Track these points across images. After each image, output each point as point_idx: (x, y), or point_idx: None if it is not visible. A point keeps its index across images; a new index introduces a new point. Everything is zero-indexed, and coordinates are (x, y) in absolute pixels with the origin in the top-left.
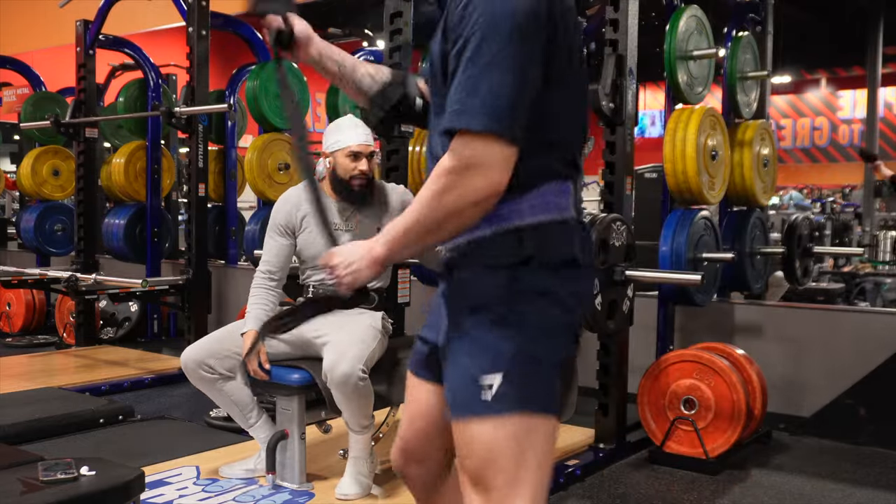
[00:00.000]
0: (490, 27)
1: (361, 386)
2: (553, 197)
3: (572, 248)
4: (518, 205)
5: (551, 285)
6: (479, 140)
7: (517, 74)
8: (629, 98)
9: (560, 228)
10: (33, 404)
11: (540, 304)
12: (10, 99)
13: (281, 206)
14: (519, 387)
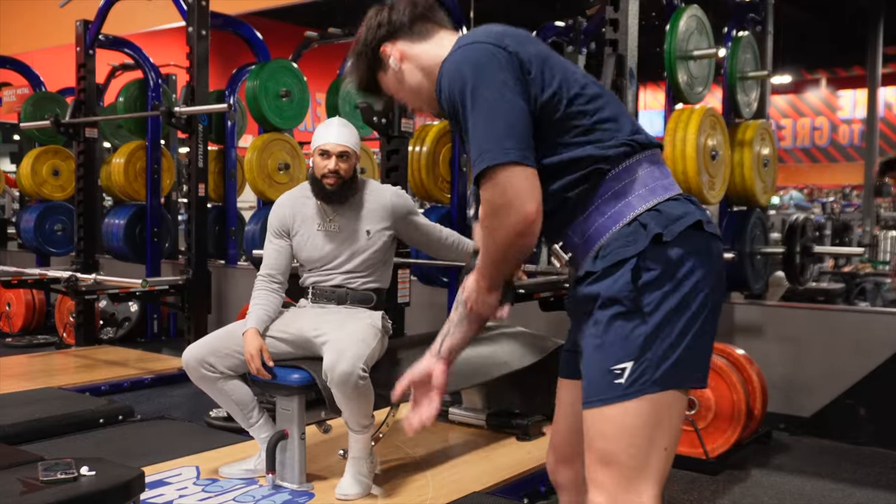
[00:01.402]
0: (456, 98)
1: (362, 385)
2: (651, 178)
3: (689, 214)
4: (624, 197)
5: (666, 267)
6: (490, 180)
7: (495, 116)
8: (629, 98)
9: (669, 205)
10: (33, 404)
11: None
12: (10, 99)
13: (275, 210)
14: (650, 370)
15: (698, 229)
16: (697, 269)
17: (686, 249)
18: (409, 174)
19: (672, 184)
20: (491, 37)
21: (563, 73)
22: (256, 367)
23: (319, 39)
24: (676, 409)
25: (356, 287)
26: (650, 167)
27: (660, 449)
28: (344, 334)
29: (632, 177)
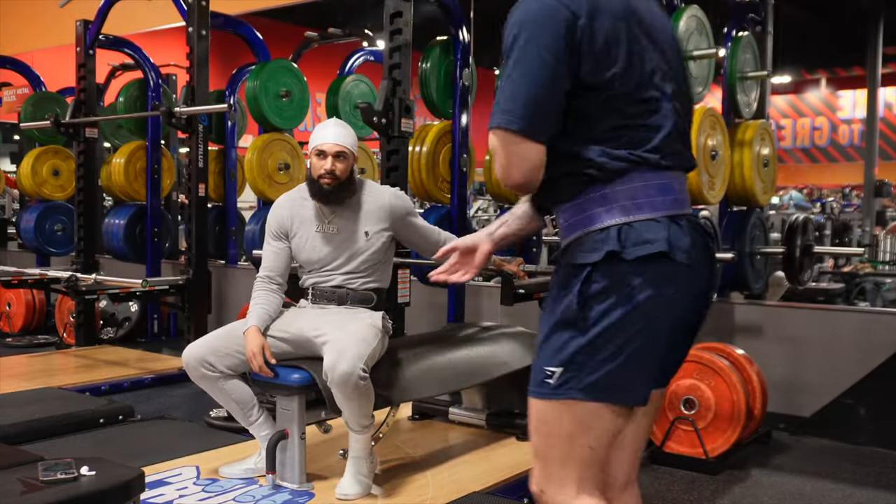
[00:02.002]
0: (505, 48)
1: (362, 385)
2: (643, 193)
3: (657, 242)
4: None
5: (614, 284)
6: (495, 136)
7: (526, 80)
8: None
9: (646, 225)
10: (33, 404)
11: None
12: (10, 99)
13: (273, 212)
14: (576, 379)
15: (664, 258)
16: (649, 292)
17: (642, 271)
18: (409, 174)
19: (665, 204)
20: None
21: (626, 63)
22: (259, 365)
23: (319, 39)
24: (606, 421)
25: (356, 287)
26: (650, 182)
27: (583, 447)
28: (344, 334)
29: (625, 185)
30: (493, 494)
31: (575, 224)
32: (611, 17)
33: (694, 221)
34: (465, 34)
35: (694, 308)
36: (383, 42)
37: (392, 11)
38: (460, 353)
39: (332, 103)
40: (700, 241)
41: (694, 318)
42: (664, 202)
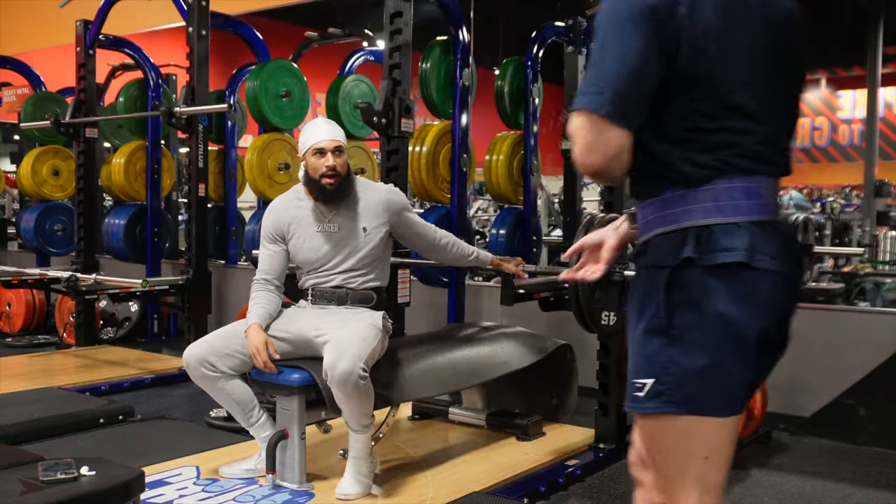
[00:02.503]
0: (598, 27)
1: (362, 384)
2: (727, 197)
3: (737, 251)
4: (686, 204)
5: (709, 290)
6: (578, 117)
7: (617, 57)
8: None
9: (726, 230)
10: (33, 404)
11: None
12: (10, 99)
13: (268, 215)
14: (668, 392)
15: (744, 267)
16: (731, 300)
17: (722, 279)
18: (409, 174)
19: (751, 208)
20: None
21: (723, 59)
22: (263, 360)
23: (319, 39)
24: (710, 431)
25: (356, 287)
26: (735, 185)
27: (697, 459)
28: (345, 334)
29: (708, 187)
30: (493, 494)
31: (652, 222)
32: (714, 6)
33: (781, 228)
34: (465, 34)
35: (779, 316)
36: (383, 42)
37: (392, 11)
38: (460, 353)
39: (332, 103)
40: (786, 248)
41: (780, 326)
42: (749, 206)
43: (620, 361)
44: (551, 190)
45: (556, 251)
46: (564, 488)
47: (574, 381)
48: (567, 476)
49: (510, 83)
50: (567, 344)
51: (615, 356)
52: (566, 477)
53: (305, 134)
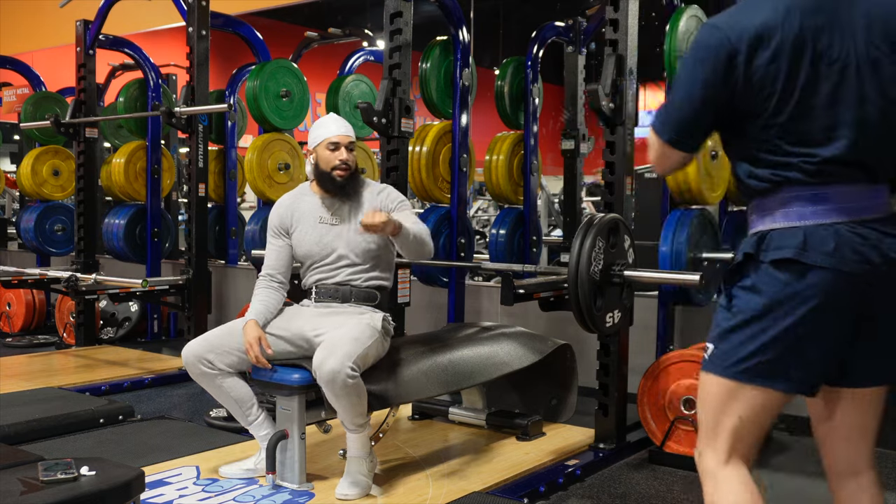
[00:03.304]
0: (681, 61)
1: (350, 384)
2: (786, 207)
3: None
4: (756, 214)
5: (758, 281)
6: (651, 133)
7: (685, 99)
8: (629, 98)
9: (784, 233)
10: (33, 404)
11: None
12: (10, 99)
13: (274, 210)
14: (721, 359)
15: (794, 262)
16: (772, 294)
17: (778, 272)
18: (409, 174)
19: (809, 214)
20: (723, 17)
21: (784, 96)
22: (255, 355)
23: (319, 39)
24: (749, 398)
25: (360, 284)
26: (801, 194)
27: (732, 417)
28: (338, 333)
29: (776, 196)
30: (493, 494)
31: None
32: (776, 51)
33: (865, 226)
34: (465, 34)
35: (861, 308)
36: (383, 42)
37: (392, 11)
38: (460, 354)
39: (332, 103)
40: (851, 246)
41: (874, 318)
42: (815, 212)
43: (620, 361)
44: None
45: (556, 251)
46: (564, 488)
47: (574, 382)
48: (567, 476)
49: (510, 83)
50: (567, 344)
51: (615, 356)
52: (566, 477)
53: (319, 128)
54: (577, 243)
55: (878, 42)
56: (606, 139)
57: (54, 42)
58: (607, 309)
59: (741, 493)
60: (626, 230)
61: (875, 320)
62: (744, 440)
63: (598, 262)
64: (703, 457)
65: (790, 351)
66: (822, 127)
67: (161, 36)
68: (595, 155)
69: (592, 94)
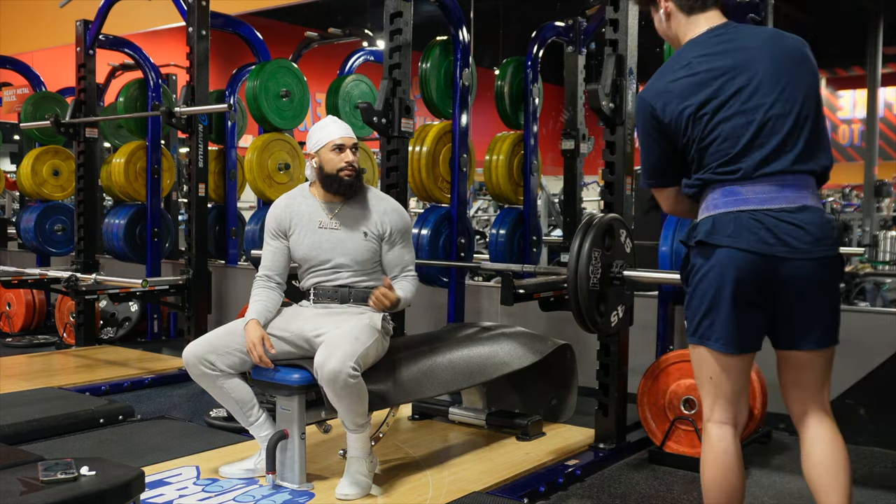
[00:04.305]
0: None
1: (352, 383)
2: (707, 201)
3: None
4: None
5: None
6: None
7: (644, 151)
8: (629, 98)
9: (703, 221)
10: (33, 404)
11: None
12: (10, 99)
13: (272, 211)
14: (689, 329)
15: (704, 244)
16: (705, 268)
17: (700, 253)
18: (409, 174)
19: (716, 205)
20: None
21: (693, 131)
22: (259, 354)
23: (319, 39)
24: (709, 358)
25: (358, 286)
26: (716, 192)
27: (705, 377)
28: (338, 332)
29: (704, 197)
30: (493, 494)
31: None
32: (675, 104)
33: (768, 213)
34: (465, 34)
35: (761, 283)
36: (383, 42)
37: (392, 11)
38: (460, 354)
39: (332, 103)
40: (761, 227)
41: (775, 292)
42: (725, 202)
43: (620, 361)
44: (551, 190)
45: (556, 251)
46: (564, 488)
47: (574, 382)
48: (567, 476)
49: (510, 83)
50: (567, 344)
51: (615, 356)
52: (566, 477)
53: (320, 131)
54: (576, 244)
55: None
56: (606, 139)
57: (54, 42)
58: (610, 309)
59: (712, 444)
60: (626, 230)
61: (782, 294)
62: (717, 397)
63: (598, 263)
64: (704, 413)
65: (717, 316)
66: (735, 145)
67: (161, 36)
68: (595, 155)
69: (592, 94)
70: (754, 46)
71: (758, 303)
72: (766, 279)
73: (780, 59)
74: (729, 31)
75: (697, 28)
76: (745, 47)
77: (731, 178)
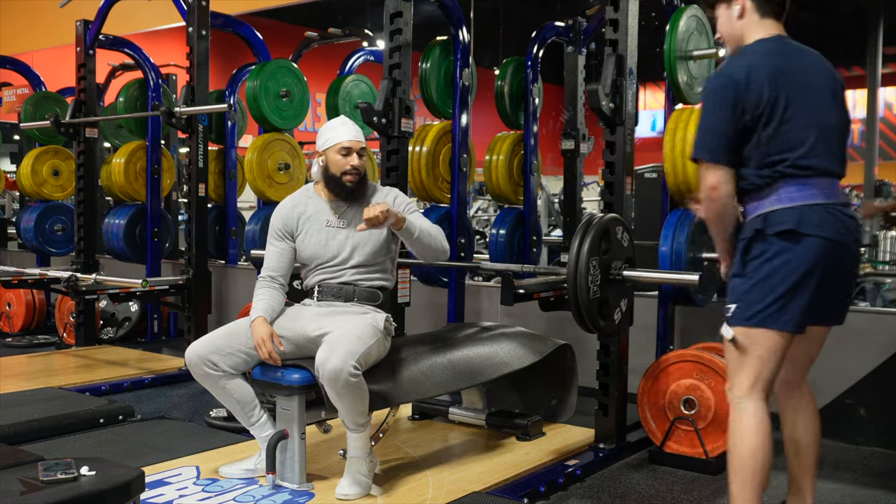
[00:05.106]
0: (703, 96)
1: (353, 382)
2: (782, 193)
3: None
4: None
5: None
6: (700, 163)
7: (715, 126)
8: (629, 98)
9: (785, 212)
10: (33, 404)
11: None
12: (10, 99)
13: (278, 211)
14: (742, 311)
15: (793, 232)
16: (788, 255)
17: (783, 241)
18: (409, 174)
19: (792, 198)
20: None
21: (772, 117)
22: (268, 351)
23: (319, 39)
24: (766, 340)
25: (363, 284)
26: (789, 186)
27: (752, 357)
28: (340, 332)
29: (771, 189)
30: (493, 494)
31: (746, 215)
32: (759, 85)
33: (831, 207)
34: (465, 34)
35: (831, 267)
36: (383, 42)
37: (392, 11)
38: (460, 354)
39: (332, 103)
40: (831, 219)
41: (835, 275)
42: (801, 196)
43: (620, 361)
44: (551, 190)
45: (556, 251)
46: (564, 488)
47: (574, 382)
48: (567, 476)
49: (510, 83)
50: (567, 344)
51: (615, 356)
52: (566, 477)
53: (330, 131)
54: (575, 244)
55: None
56: (606, 139)
57: (54, 42)
58: (611, 310)
59: (756, 418)
60: (626, 230)
61: (837, 277)
62: (761, 376)
63: (596, 268)
64: (731, 391)
65: (792, 299)
66: (802, 137)
67: (161, 36)
68: (595, 155)
69: (592, 94)
70: (812, 63)
71: (826, 286)
72: (836, 265)
73: (828, 79)
74: (792, 43)
75: (766, 31)
76: (807, 61)
77: (803, 174)
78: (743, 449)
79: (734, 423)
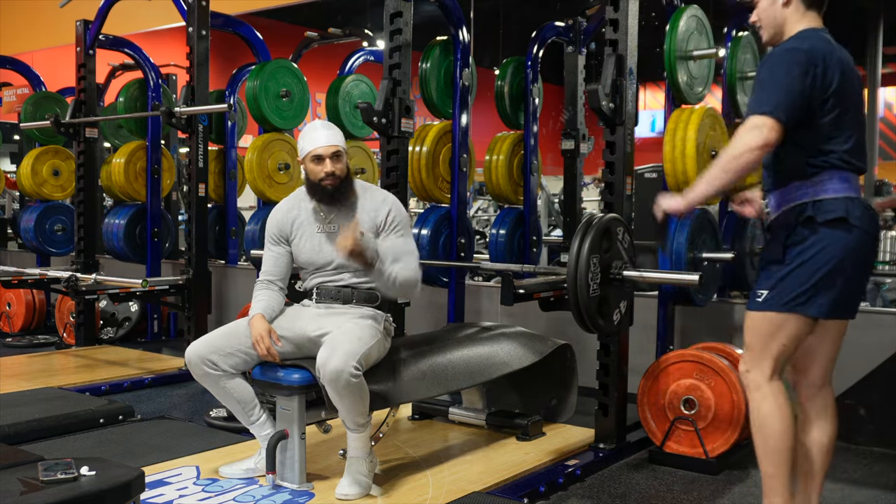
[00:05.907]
0: (768, 65)
1: (354, 383)
2: (830, 183)
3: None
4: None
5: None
6: (757, 117)
7: (788, 84)
8: (629, 98)
9: (834, 202)
10: (33, 404)
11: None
12: (10, 99)
13: (273, 216)
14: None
15: (843, 221)
16: (828, 242)
17: (825, 229)
18: (409, 174)
19: (836, 189)
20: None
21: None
22: (266, 347)
23: (319, 39)
24: (794, 327)
25: (361, 287)
26: (833, 177)
27: (778, 342)
28: (341, 332)
29: (817, 178)
30: (493, 494)
31: (781, 202)
32: (833, 69)
33: (863, 202)
34: (465, 34)
35: (862, 258)
36: (383, 42)
37: (392, 11)
38: (460, 354)
39: (332, 103)
40: (867, 213)
41: (864, 266)
42: (844, 188)
43: (620, 361)
44: (551, 190)
45: (556, 251)
46: (564, 488)
47: (574, 382)
48: (567, 476)
49: (510, 83)
50: (567, 344)
51: (615, 356)
52: (566, 477)
53: (303, 139)
54: (576, 243)
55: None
56: (606, 139)
57: (54, 42)
58: (611, 310)
59: (780, 400)
60: (626, 230)
61: (862, 266)
62: (781, 360)
63: (597, 268)
64: (750, 374)
65: (827, 285)
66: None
67: (161, 36)
68: (595, 155)
69: (592, 94)
70: (851, 60)
71: (858, 276)
72: (866, 256)
73: (859, 78)
74: (832, 39)
75: (810, 23)
76: (849, 58)
77: (847, 167)
78: (772, 430)
79: (758, 408)
